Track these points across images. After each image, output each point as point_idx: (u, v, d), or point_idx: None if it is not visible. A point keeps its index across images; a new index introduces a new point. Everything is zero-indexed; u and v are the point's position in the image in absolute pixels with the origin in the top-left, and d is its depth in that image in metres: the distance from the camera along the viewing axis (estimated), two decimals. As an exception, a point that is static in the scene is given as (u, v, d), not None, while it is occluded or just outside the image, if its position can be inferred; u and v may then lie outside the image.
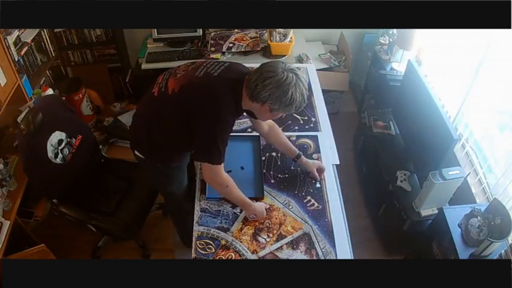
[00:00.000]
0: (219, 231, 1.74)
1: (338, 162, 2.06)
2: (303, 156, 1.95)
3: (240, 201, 1.74)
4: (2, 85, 2.28)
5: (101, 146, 3.01)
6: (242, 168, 1.98)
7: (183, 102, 1.58)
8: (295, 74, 1.51)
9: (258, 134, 2.11)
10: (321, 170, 1.95)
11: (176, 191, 2.03)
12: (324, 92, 2.50)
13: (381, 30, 3.26)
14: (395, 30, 3.08)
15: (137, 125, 1.81)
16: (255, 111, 1.63)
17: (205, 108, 1.54)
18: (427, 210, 2.17)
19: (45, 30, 2.89)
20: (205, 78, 1.57)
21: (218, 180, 1.66)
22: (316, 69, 2.69)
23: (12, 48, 2.45)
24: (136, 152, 1.87)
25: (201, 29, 3.10)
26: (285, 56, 2.91)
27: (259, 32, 3.07)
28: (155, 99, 1.67)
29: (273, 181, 1.94)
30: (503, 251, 1.82)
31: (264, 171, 1.97)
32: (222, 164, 1.63)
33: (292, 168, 1.99)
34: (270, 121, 1.91)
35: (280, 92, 1.48)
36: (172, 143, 1.75)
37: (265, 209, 1.79)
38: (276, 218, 1.79)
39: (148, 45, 3.17)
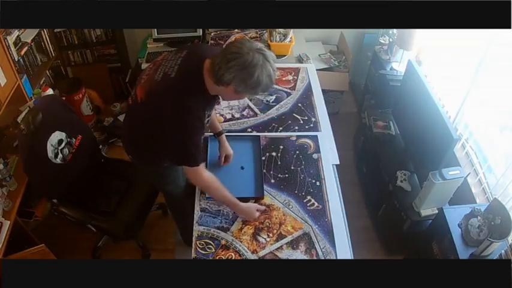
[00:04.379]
0: (219, 231, 1.74)
1: (338, 162, 2.06)
2: (224, 135, 1.95)
3: (226, 200, 1.73)
4: (2, 85, 2.28)
5: (100, 146, 3.02)
6: (242, 168, 1.98)
7: (149, 112, 1.57)
8: (262, 54, 1.42)
9: (258, 134, 2.12)
10: (228, 157, 1.95)
11: (174, 190, 2.04)
12: (324, 92, 2.51)
13: (381, 30, 3.26)
14: (395, 30, 3.08)
15: (124, 131, 1.87)
16: (221, 94, 1.58)
17: (169, 117, 1.50)
18: (427, 210, 2.17)
19: (45, 30, 2.89)
20: (164, 83, 1.53)
21: (200, 180, 1.66)
22: (316, 69, 2.69)
23: (12, 48, 2.45)
24: (129, 156, 1.91)
25: (201, 29, 3.10)
26: (285, 56, 2.90)
27: (259, 32, 3.07)
28: (130, 107, 1.72)
29: (273, 181, 1.94)
30: (503, 251, 1.83)
31: (264, 171, 1.97)
32: (202, 165, 1.62)
33: (292, 168, 1.99)
34: None
35: (246, 74, 1.41)
36: (154, 147, 1.74)
37: (258, 210, 1.78)
38: (276, 218, 1.79)
39: (148, 45, 3.17)
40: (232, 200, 1.72)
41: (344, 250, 1.69)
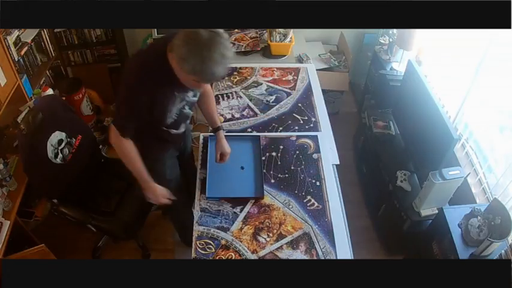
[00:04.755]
0: (219, 231, 1.74)
1: (338, 162, 2.07)
2: (221, 132, 1.91)
3: (137, 173, 1.70)
4: (2, 85, 2.28)
5: (100, 146, 3.01)
6: (242, 168, 1.98)
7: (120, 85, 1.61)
8: (212, 35, 1.33)
9: (258, 134, 2.12)
10: (223, 155, 1.91)
11: (159, 180, 1.94)
12: (324, 92, 2.51)
13: (381, 30, 3.26)
14: (395, 30, 3.08)
15: None
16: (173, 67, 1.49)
17: (124, 81, 1.52)
18: (427, 210, 2.17)
19: (45, 30, 2.89)
20: (134, 56, 1.58)
21: (117, 143, 1.63)
22: (316, 69, 2.69)
23: (12, 48, 2.45)
24: None
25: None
26: (285, 56, 2.91)
27: (259, 32, 3.07)
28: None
29: (273, 181, 1.94)
30: (503, 251, 1.83)
31: (264, 171, 1.97)
32: (130, 136, 1.61)
33: (292, 168, 1.99)
34: (207, 86, 1.85)
35: (180, 43, 1.35)
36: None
37: (167, 198, 1.77)
38: (276, 218, 1.79)
39: (148, 45, 3.17)
40: (143, 176, 1.70)
41: (344, 250, 1.69)
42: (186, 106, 1.72)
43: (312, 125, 2.22)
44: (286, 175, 1.96)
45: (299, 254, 1.67)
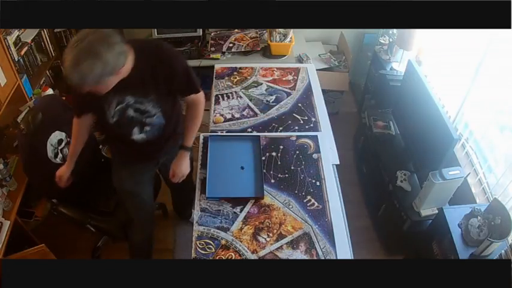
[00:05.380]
0: (219, 231, 1.74)
1: (338, 162, 2.07)
2: (184, 152, 1.83)
3: (68, 152, 1.88)
4: (2, 85, 2.27)
5: (100, 146, 3.01)
6: (242, 168, 1.98)
7: None
8: (88, 42, 1.29)
9: (258, 134, 2.12)
10: (174, 174, 1.85)
11: (117, 185, 1.98)
12: (324, 92, 2.51)
13: (381, 30, 3.26)
14: (395, 30, 3.09)
15: None
16: None
17: None
18: (427, 210, 2.18)
19: (45, 30, 2.89)
20: None
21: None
22: (316, 69, 2.69)
23: (12, 48, 2.45)
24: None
25: (201, 29, 3.10)
26: (285, 56, 2.91)
27: (259, 32, 3.08)
28: None
29: (273, 181, 1.94)
30: (503, 251, 1.83)
31: (264, 171, 1.97)
32: (80, 117, 1.78)
33: (292, 168, 1.99)
34: (193, 97, 1.76)
35: None
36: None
37: (66, 183, 1.89)
38: (276, 218, 1.79)
39: (148, 45, 3.17)
40: (70, 153, 1.87)
41: (344, 250, 1.69)
42: (130, 109, 1.61)
43: (312, 125, 2.22)
44: (286, 175, 1.96)
45: (299, 254, 1.67)
